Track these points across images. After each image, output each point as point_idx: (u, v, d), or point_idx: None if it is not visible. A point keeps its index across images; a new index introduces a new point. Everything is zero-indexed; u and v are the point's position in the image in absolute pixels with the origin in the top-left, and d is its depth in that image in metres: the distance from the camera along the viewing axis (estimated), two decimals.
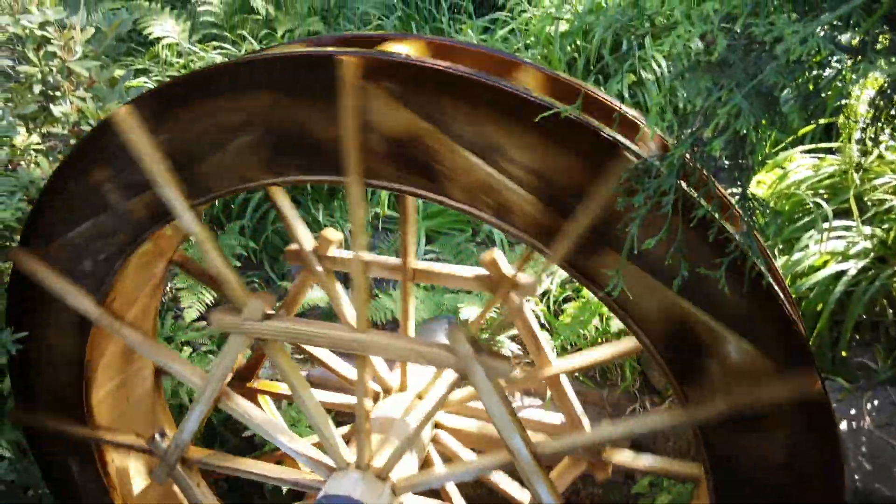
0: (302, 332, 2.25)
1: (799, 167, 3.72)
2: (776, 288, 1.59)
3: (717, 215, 1.34)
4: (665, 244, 1.35)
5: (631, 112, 2.04)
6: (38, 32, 2.93)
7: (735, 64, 0.95)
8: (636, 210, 1.23)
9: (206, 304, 4.00)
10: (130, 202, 2.23)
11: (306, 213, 4.80)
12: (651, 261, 1.57)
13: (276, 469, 2.64)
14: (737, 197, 1.20)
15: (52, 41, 2.93)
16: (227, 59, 5.56)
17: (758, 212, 1.32)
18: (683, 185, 1.27)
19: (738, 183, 1.15)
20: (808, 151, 3.87)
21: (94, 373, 2.61)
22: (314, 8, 6.53)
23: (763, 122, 1.00)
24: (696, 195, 1.33)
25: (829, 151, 3.83)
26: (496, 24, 5.87)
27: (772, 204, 3.61)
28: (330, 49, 1.91)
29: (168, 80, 2.71)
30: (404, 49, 2.09)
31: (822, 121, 3.96)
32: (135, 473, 2.93)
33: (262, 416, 2.57)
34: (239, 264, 4.43)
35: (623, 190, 1.35)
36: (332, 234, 2.78)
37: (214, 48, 5.76)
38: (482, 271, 2.61)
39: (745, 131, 0.97)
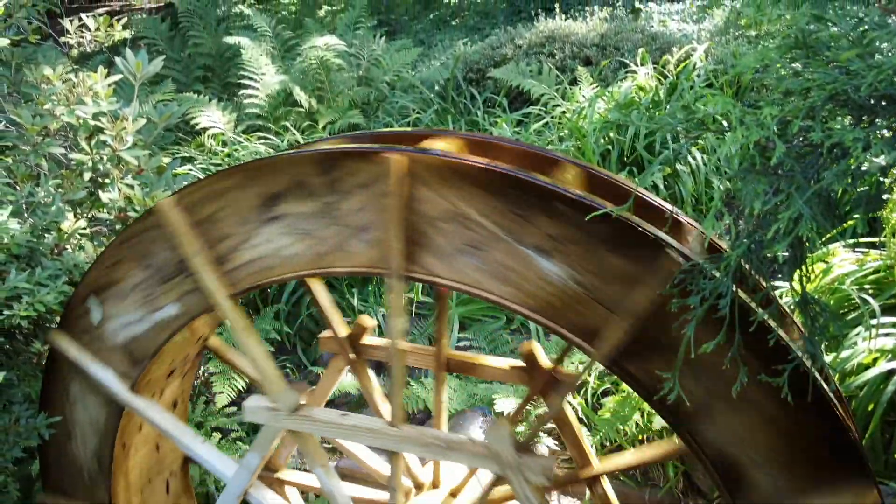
0: (337, 425, 2.19)
1: (843, 261, 3.64)
2: (830, 394, 1.51)
3: (774, 322, 1.29)
4: (723, 348, 1.29)
5: (669, 206, 2.02)
6: (92, 122, 3.04)
7: (792, 167, 0.93)
8: (691, 311, 1.19)
9: (238, 390, 3.97)
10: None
11: (340, 297, 4.82)
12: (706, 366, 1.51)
13: None
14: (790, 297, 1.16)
15: (104, 131, 3.03)
16: (268, 149, 5.74)
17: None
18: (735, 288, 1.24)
19: (798, 287, 1.11)
20: (851, 246, 3.80)
21: (122, 457, 2.57)
22: (355, 101, 6.76)
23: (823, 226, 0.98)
24: (751, 300, 1.29)
25: (873, 246, 3.76)
26: (529, 118, 6.00)
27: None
28: (375, 146, 1.95)
29: (211, 172, 2.80)
30: (444, 145, 2.13)
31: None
32: None
33: None
34: (272, 349, 4.43)
35: (677, 291, 1.32)
36: (367, 320, 2.77)
37: (258, 138, 5.96)
38: (519, 363, 2.55)
39: (807, 235, 0.94)
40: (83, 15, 3.83)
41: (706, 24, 7.95)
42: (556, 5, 9.05)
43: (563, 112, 5.86)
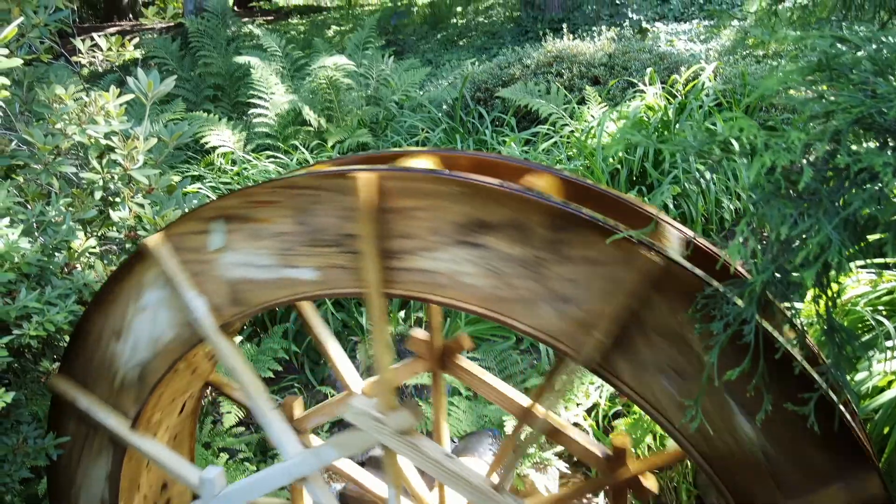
0: (438, 465, 2.06)
1: (856, 282, 3.61)
2: (849, 419, 1.49)
3: (796, 352, 1.27)
4: (745, 375, 1.27)
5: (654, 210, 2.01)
6: (103, 142, 3.05)
7: (820, 192, 0.92)
8: (714, 337, 1.17)
9: (246, 410, 3.95)
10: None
11: (349, 316, 4.80)
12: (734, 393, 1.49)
13: None
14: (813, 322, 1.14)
15: (115, 150, 3.04)
16: (277, 167, 5.75)
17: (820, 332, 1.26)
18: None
19: (823, 314, 1.09)
20: (864, 266, 3.77)
21: (127, 498, 2.58)
22: (363, 120, 6.79)
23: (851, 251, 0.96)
24: (774, 328, 1.27)
25: (886, 267, 3.72)
26: (538, 137, 6.01)
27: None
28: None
29: (195, 206, 2.80)
30: (420, 163, 2.15)
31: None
32: None
33: None
34: (280, 368, 4.41)
35: (699, 316, 1.30)
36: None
37: (267, 157, 5.98)
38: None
39: (835, 261, 0.92)
40: (95, 35, 3.85)
41: (713, 43, 7.98)
42: (564, 25, 9.10)
43: (572, 131, 5.87)
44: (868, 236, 1.08)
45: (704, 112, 5.51)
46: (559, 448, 3.44)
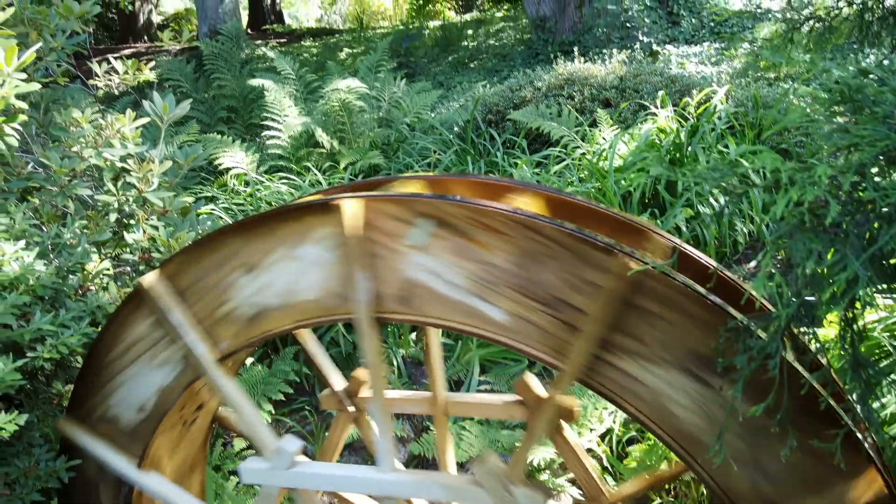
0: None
1: (873, 308, 3.57)
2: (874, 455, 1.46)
3: (822, 388, 1.25)
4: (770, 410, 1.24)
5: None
6: (119, 164, 3.08)
7: (846, 227, 0.91)
8: (739, 371, 1.15)
9: None
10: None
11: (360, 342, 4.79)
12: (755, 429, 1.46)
13: None
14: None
15: (130, 173, 3.06)
16: (290, 189, 5.78)
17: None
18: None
19: (848, 347, 1.08)
20: (881, 291, 3.73)
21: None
22: (375, 142, 6.82)
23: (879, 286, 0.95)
24: (800, 364, 1.25)
25: None
26: (549, 159, 6.02)
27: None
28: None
29: (189, 243, 2.79)
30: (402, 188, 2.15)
31: None
32: None
33: None
34: (291, 390, 4.39)
35: (722, 349, 1.28)
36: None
37: (280, 178, 6.01)
38: (513, 397, 2.47)
39: (863, 298, 0.91)
40: (110, 56, 3.90)
41: (724, 66, 8.00)
42: (574, 48, 9.15)
43: (584, 154, 5.87)
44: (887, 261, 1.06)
45: (717, 135, 5.50)
46: (572, 475, 3.40)
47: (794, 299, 1.01)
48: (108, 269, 3.03)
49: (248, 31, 18.20)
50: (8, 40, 2.60)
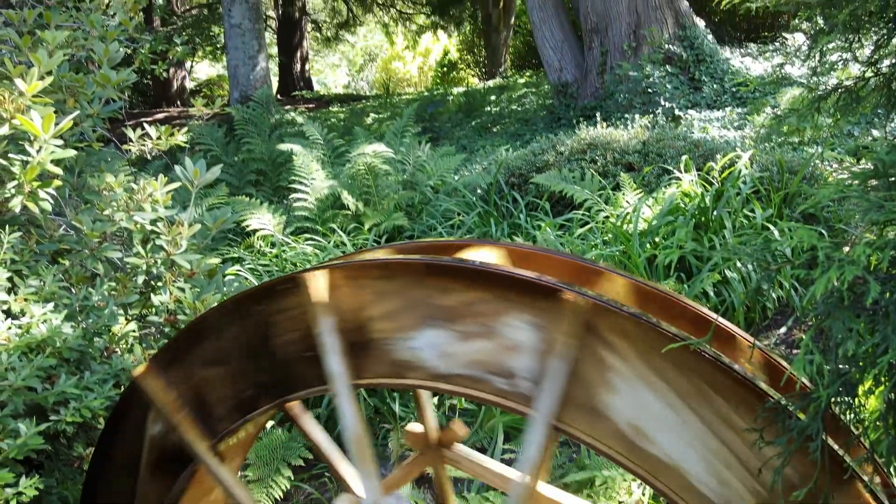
0: None
1: None
2: None
3: (867, 477, 1.19)
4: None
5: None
6: (149, 228, 3.13)
7: (885, 305, 0.88)
8: (779, 455, 1.10)
9: (275, 500, 3.86)
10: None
11: (381, 402, 4.73)
12: None
13: None
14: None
15: (160, 236, 3.11)
16: (315, 249, 5.83)
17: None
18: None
19: (891, 430, 1.03)
20: None
21: None
22: (399, 205, 6.89)
23: None
24: (840, 447, 1.20)
25: None
26: (573, 223, 6.02)
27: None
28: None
29: (178, 332, 2.78)
30: (480, 255, 2.12)
31: None
32: None
33: None
34: (311, 456, 4.32)
35: (761, 430, 1.24)
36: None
37: (305, 240, 6.07)
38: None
39: None
40: (143, 120, 4.02)
41: (748, 130, 8.03)
42: (597, 114, 9.26)
43: (607, 217, 5.87)
44: None
45: (742, 199, 5.48)
46: None
47: (836, 380, 0.97)
48: (134, 331, 3.04)
49: (279, 96, 18.74)
50: (46, 108, 2.69)
